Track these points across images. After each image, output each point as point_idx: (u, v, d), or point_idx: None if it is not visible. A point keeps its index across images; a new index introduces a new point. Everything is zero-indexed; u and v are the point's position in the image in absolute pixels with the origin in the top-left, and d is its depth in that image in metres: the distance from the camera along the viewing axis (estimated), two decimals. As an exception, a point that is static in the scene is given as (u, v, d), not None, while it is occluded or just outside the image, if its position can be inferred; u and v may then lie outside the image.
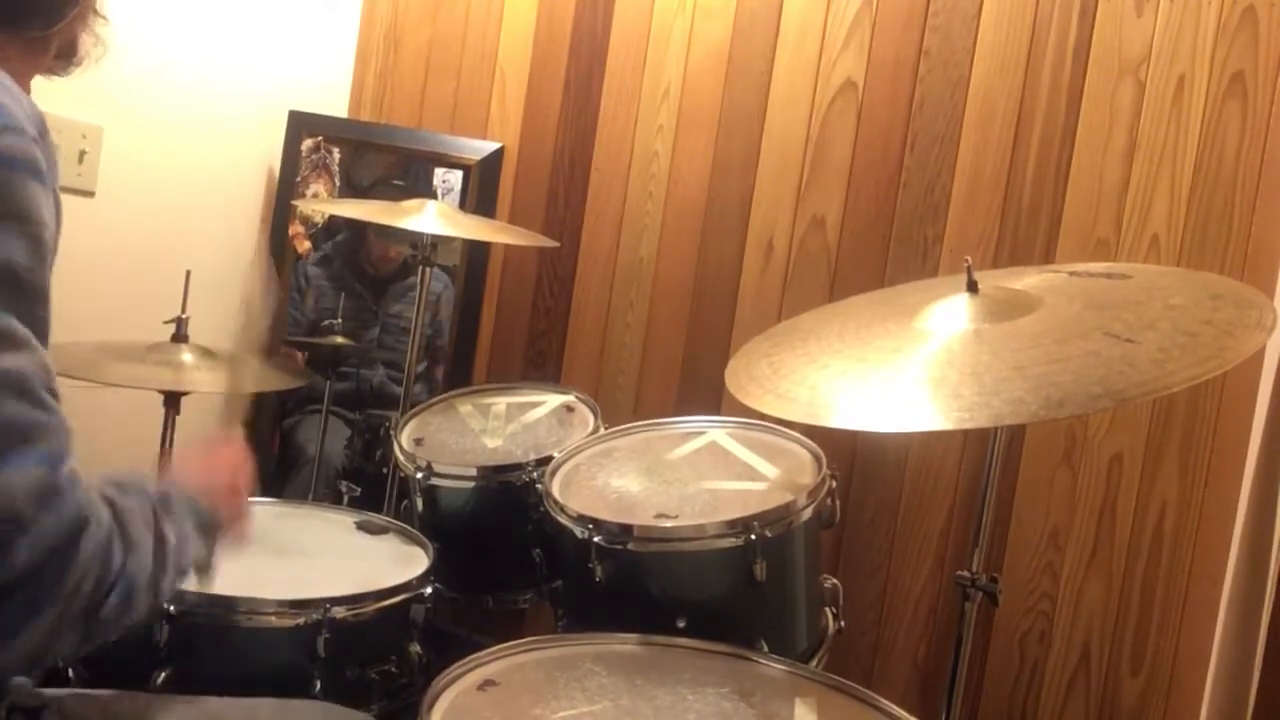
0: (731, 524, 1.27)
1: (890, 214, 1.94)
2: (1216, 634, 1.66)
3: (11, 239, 0.76)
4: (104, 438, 1.87)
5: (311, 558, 1.46)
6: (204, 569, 1.06)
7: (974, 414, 1.05)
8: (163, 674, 1.18)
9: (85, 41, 0.99)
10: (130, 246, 2.02)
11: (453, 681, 1.09)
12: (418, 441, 1.71)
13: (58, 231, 0.83)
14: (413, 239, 1.95)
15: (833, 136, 1.99)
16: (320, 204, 2.34)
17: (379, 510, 1.74)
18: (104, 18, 1.00)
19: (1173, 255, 1.72)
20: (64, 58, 0.98)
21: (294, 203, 2.30)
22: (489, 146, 2.33)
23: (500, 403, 1.83)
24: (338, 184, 2.40)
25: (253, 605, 1.23)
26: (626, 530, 1.31)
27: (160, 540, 0.84)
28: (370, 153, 2.47)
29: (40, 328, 0.78)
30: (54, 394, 0.77)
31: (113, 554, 0.77)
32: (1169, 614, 1.72)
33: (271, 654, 1.24)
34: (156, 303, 1.81)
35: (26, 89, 0.89)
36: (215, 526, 0.96)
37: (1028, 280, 1.34)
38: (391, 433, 1.75)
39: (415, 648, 1.37)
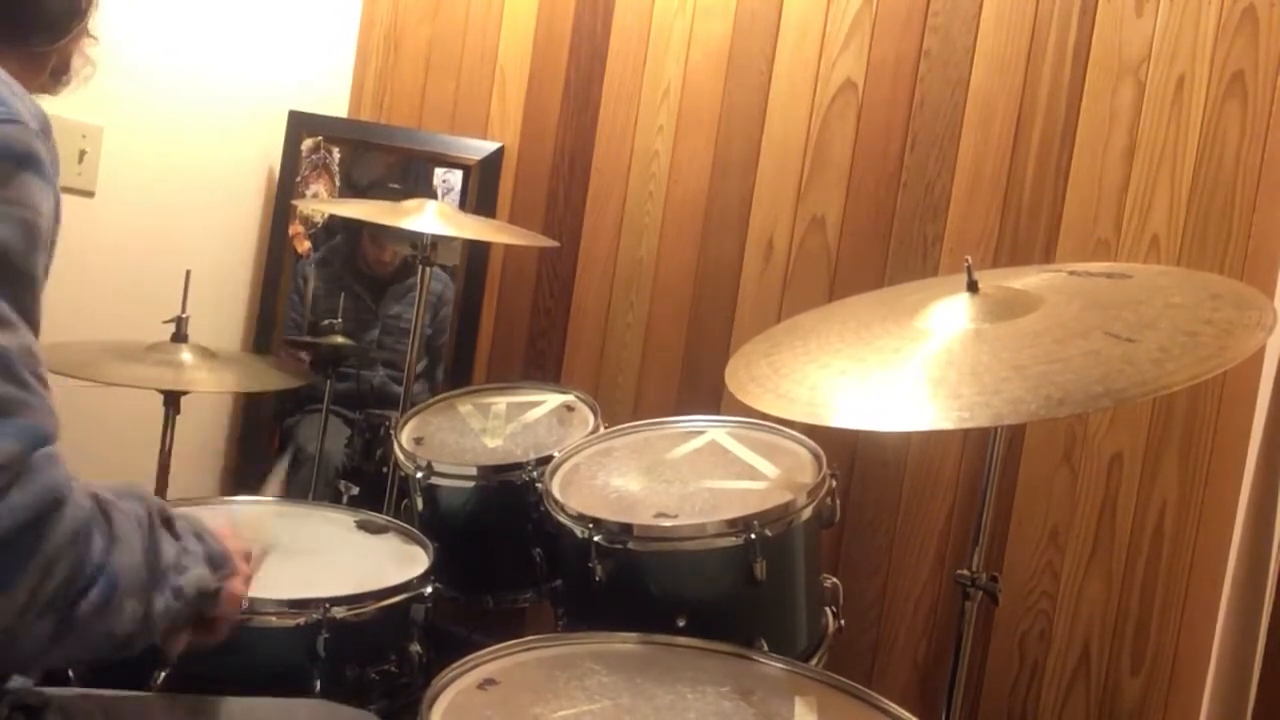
0: (731, 523, 1.27)
1: (890, 214, 1.94)
2: (1216, 634, 1.65)
3: (5, 223, 0.76)
4: (104, 438, 1.88)
5: (311, 557, 1.46)
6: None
7: (974, 413, 1.05)
8: (162, 674, 1.17)
9: (77, 60, 1.01)
10: (130, 246, 2.02)
11: (453, 681, 1.09)
12: (418, 441, 1.71)
13: (56, 227, 0.83)
14: (413, 239, 1.95)
15: (833, 136, 1.99)
16: (320, 204, 2.34)
17: (379, 509, 1.74)
18: (95, 37, 1.01)
19: (1173, 255, 1.72)
20: (56, 76, 1.00)
21: (294, 202, 2.30)
22: (489, 146, 2.33)
23: (500, 402, 1.83)
24: (338, 184, 2.40)
25: (253, 605, 1.22)
26: (626, 529, 1.31)
27: (154, 545, 0.82)
28: (370, 153, 2.47)
29: (28, 313, 0.77)
30: (39, 378, 0.76)
31: (91, 543, 0.74)
32: (1169, 613, 1.72)
33: (271, 654, 1.24)
34: (156, 303, 1.81)
35: None
36: (224, 563, 0.92)
37: (1028, 280, 1.34)
38: (391, 432, 1.75)
39: (415, 647, 1.37)
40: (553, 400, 1.81)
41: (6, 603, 0.70)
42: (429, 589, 1.38)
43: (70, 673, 1.17)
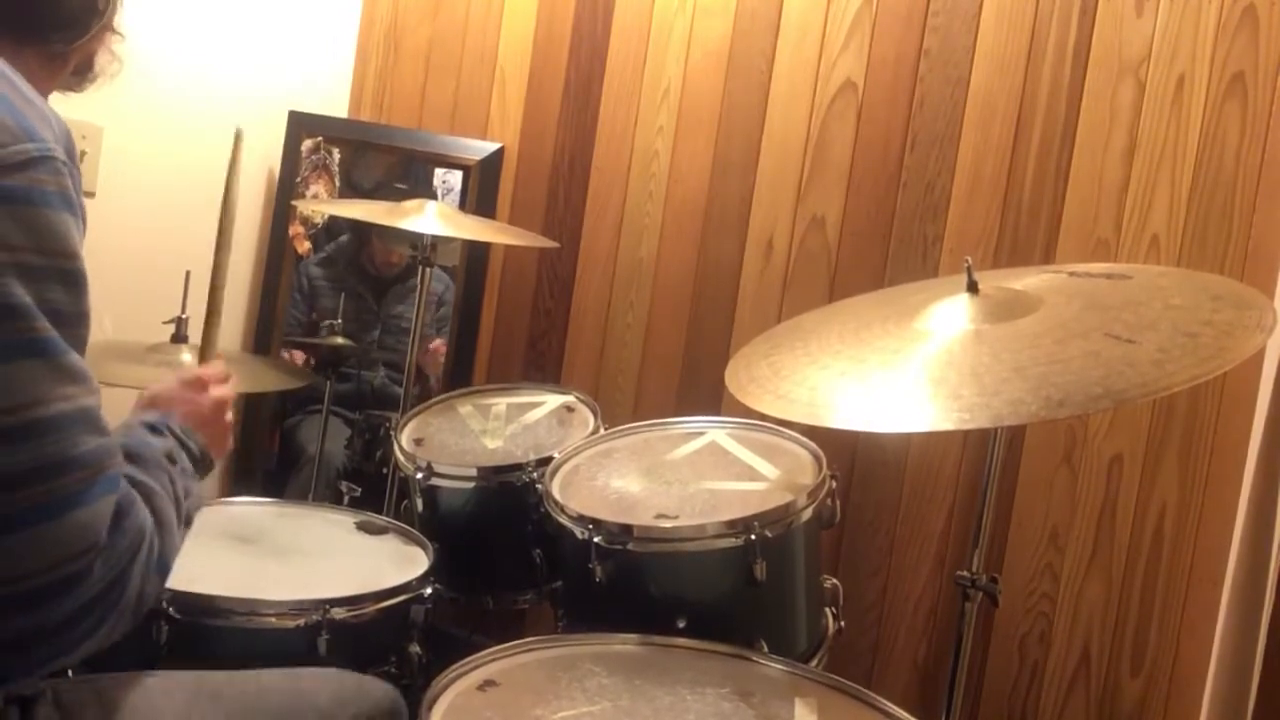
0: (731, 524, 1.27)
1: (890, 214, 1.94)
2: (1216, 634, 1.65)
3: (53, 283, 0.80)
4: (104, 438, 1.87)
5: (311, 558, 1.46)
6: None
7: (974, 414, 1.05)
8: (162, 675, 1.18)
9: (102, 58, 1.00)
10: (130, 246, 2.02)
11: (453, 682, 1.09)
12: (418, 442, 1.71)
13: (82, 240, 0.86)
14: (413, 240, 1.95)
15: (833, 136, 1.99)
16: (320, 205, 2.34)
17: (379, 510, 1.74)
18: (120, 34, 1.01)
19: (1173, 255, 1.72)
20: (80, 74, 1.00)
21: (294, 203, 2.30)
22: (489, 147, 2.33)
23: (500, 403, 1.83)
24: (338, 184, 2.40)
25: (253, 606, 1.23)
26: (626, 530, 1.31)
27: (178, 504, 0.90)
28: (370, 153, 2.47)
29: (83, 347, 0.85)
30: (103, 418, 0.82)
31: (154, 546, 0.83)
32: (1169, 614, 1.72)
33: (271, 655, 1.24)
34: (156, 303, 1.81)
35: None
36: (208, 462, 1.01)
37: (1028, 280, 1.33)
38: (392, 433, 1.75)
39: (415, 648, 1.37)
40: (553, 401, 1.81)
41: (111, 621, 0.79)
42: (429, 590, 1.38)
43: (69, 672, 1.16)
